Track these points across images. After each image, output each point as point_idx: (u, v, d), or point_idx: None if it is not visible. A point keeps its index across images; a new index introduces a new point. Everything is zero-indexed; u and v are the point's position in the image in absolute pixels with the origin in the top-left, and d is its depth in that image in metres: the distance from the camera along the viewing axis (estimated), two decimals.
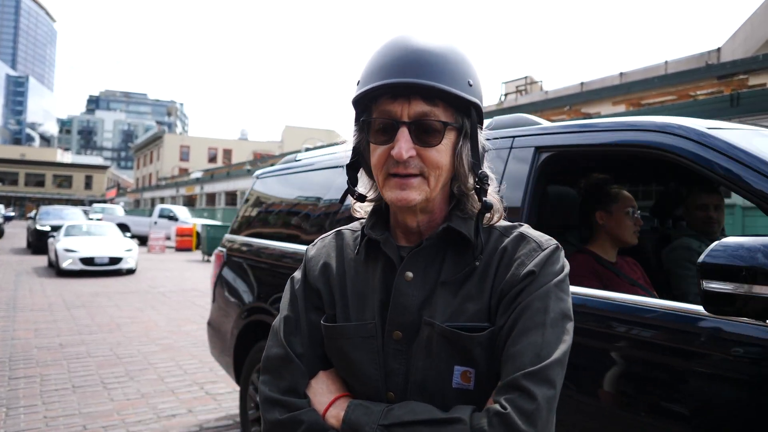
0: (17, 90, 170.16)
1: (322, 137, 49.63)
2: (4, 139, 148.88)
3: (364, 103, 0.99)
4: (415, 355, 0.96)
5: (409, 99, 0.92)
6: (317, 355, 1.05)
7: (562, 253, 0.99)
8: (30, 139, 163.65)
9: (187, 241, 24.18)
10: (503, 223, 1.04)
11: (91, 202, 63.34)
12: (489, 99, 32.25)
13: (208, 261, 19.86)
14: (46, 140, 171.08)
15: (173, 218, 27.23)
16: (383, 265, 1.03)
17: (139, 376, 5.40)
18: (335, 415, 0.95)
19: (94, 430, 4.03)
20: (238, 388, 5.04)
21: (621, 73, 26.97)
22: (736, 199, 10.08)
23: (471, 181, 0.99)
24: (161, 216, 27.48)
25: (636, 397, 1.55)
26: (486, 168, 1.01)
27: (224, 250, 4.04)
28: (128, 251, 14.59)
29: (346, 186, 1.10)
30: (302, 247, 3.06)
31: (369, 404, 0.95)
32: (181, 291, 11.61)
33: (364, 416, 0.92)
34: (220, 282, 3.95)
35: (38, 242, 19.56)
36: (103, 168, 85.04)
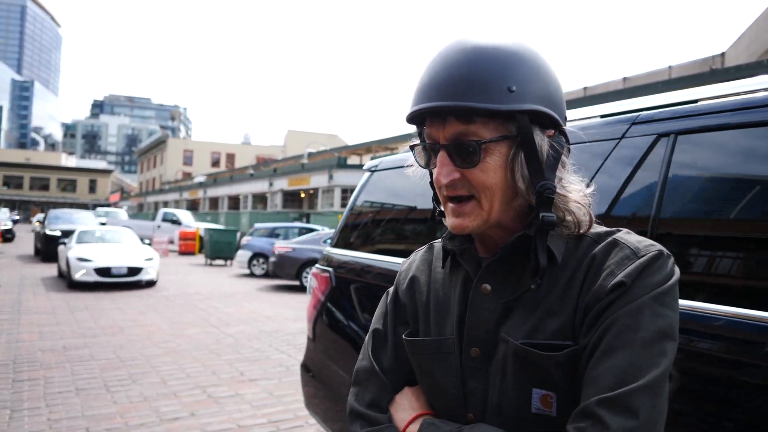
0: (23, 95, 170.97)
1: (324, 141, 49.71)
2: (10, 143, 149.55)
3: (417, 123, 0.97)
4: (492, 375, 0.91)
5: (444, 121, 0.88)
6: (403, 370, 1.04)
7: (669, 261, 0.84)
8: (35, 143, 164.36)
9: (190, 245, 24.24)
10: (599, 228, 0.93)
11: (95, 206, 63.52)
12: None
13: (211, 265, 19.89)
14: (50, 144, 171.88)
15: (176, 222, 27.33)
16: (463, 278, 0.99)
17: (141, 379, 5.41)
18: None
19: None
20: (241, 392, 5.06)
21: (624, 78, 26.99)
22: None
23: (531, 194, 0.89)
24: (164, 220, 27.58)
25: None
26: (567, 173, 0.92)
27: (330, 270, 2.99)
28: (148, 260, 13.01)
29: None
30: None
31: (441, 423, 0.92)
32: (184, 294, 11.63)
33: None
34: (325, 315, 2.94)
35: (47, 249, 18.16)
36: (107, 172, 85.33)
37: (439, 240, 1.10)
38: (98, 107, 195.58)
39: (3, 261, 18.37)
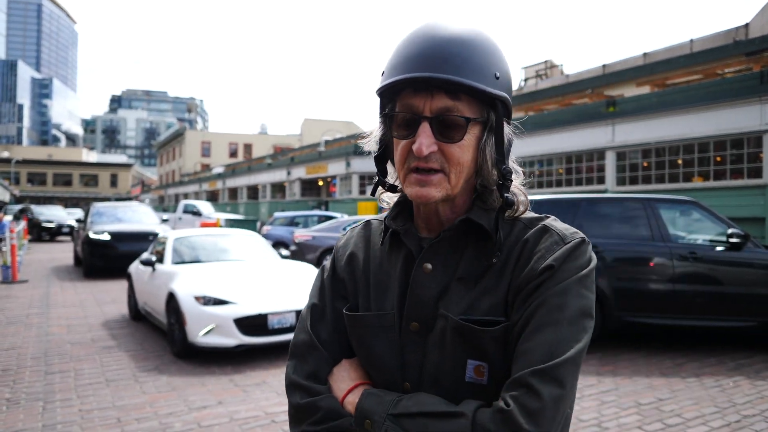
0: (42, 92, 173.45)
1: (341, 129, 49.69)
2: (32, 140, 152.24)
3: (388, 95, 0.99)
4: (430, 347, 0.98)
5: (432, 93, 0.91)
6: (341, 343, 1.08)
7: (589, 247, 0.95)
8: (56, 139, 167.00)
9: None
10: (529, 214, 1.02)
11: (117, 200, 64.52)
12: None
13: None
14: (71, 140, 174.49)
15: (197, 213, 27.56)
16: (404, 256, 1.04)
17: (169, 368, 5.49)
18: (352, 401, 0.98)
19: (127, 422, 4.11)
20: (267, 380, 5.10)
21: (644, 54, 26.40)
22: None
23: (494, 176, 0.98)
24: (185, 211, 27.85)
25: None
26: (511, 162, 1.00)
27: None
28: None
29: None
30: None
31: (382, 393, 0.97)
32: None
33: (375, 405, 0.95)
34: None
35: (92, 257, 12.71)
36: (128, 166, 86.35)
37: (376, 217, 1.17)
38: (116, 102, 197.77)
39: (29, 265, 18.39)
